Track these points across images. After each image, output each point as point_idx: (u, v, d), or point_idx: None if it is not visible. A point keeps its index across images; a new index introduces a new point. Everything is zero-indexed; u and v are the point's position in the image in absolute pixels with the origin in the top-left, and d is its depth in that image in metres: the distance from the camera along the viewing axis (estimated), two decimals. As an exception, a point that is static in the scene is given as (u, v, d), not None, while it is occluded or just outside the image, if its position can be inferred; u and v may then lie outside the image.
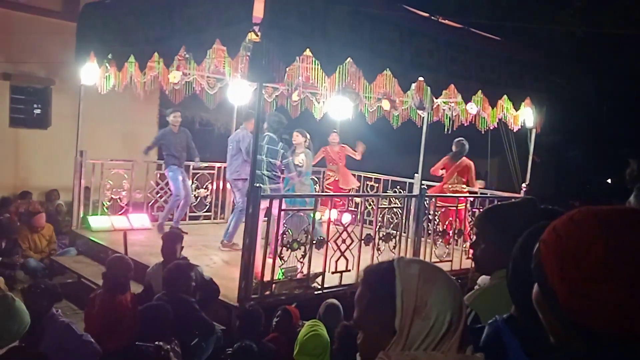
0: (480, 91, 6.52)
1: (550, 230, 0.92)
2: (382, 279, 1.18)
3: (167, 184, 8.15)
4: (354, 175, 9.52)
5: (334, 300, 4.75)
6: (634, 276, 0.82)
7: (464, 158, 8.29)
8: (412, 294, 1.13)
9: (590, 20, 10.45)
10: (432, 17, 6.00)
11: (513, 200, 1.87)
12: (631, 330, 0.82)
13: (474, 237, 1.97)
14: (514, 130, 8.37)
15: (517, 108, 7.16)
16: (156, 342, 3.58)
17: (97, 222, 7.74)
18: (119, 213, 8.08)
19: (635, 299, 0.81)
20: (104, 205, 8.00)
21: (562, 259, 0.87)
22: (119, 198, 8.11)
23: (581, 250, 0.85)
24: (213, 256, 6.85)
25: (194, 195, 8.73)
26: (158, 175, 8.46)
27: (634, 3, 10.37)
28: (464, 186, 8.30)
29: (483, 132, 8.39)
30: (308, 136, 7.36)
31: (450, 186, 8.24)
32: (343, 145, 9.31)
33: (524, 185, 7.82)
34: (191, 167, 8.57)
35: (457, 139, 8.34)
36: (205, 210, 9.00)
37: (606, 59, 11.35)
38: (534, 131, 7.71)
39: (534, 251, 0.94)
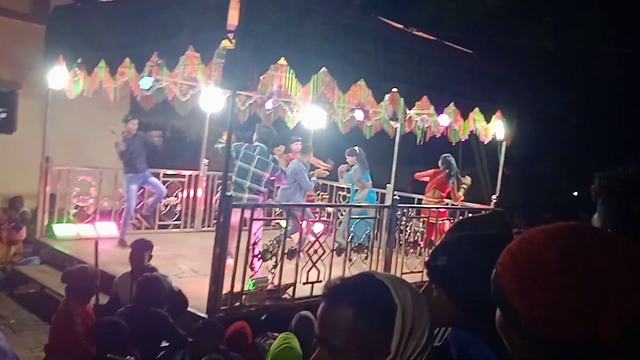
0: (452, 103, 6.59)
1: (505, 252, 0.94)
2: (377, 297, 1.08)
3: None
4: (326, 185, 9.50)
5: (307, 313, 4.69)
6: (587, 282, 0.83)
7: (443, 173, 8.45)
8: (410, 313, 1.08)
9: (559, 36, 10.70)
10: (407, 29, 6.05)
11: (483, 212, 1.85)
12: (591, 336, 0.82)
13: None
14: (485, 143, 8.48)
15: (488, 120, 7.26)
16: (108, 356, 3.46)
17: (63, 230, 7.54)
18: (86, 221, 7.89)
19: (591, 304, 0.82)
20: (69, 213, 7.80)
21: (518, 275, 0.89)
22: (86, 206, 7.92)
23: (535, 262, 0.87)
24: (182, 265, 6.73)
25: (164, 203, 8.58)
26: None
27: (601, 19, 10.66)
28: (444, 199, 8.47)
29: (454, 144, 8.48)
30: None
31: (429, 199, 8.40)
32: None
33: (494, 197, 7.91)
34: (161, 175, 8.42)
35: (443, 156, 8.55)
36: (174, 219, 8.86)
37: (574, 74, 11.62)
38: (504, 144, 7.82)
39: (492, 276, 0.95)
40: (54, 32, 6.92)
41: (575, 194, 16.37)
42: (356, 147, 8.60)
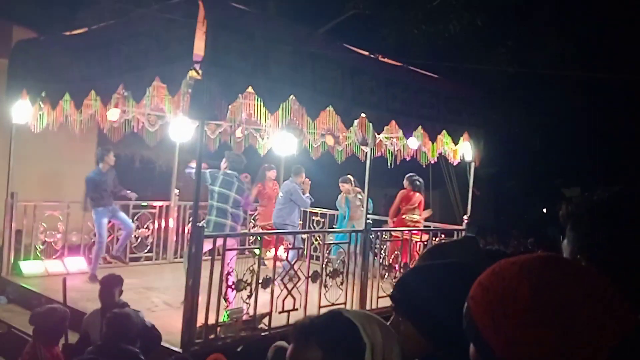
0: (420, 127, 6.68)
1: (476, 286, 0.93)
2: (345, 336, 1.08)
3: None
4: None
5: (283, 343, 4.60)
6: (561, 319, 0.83)
7: (417, 193, 8.66)
8: (379, 350, 1.07)
9: (521, 58, 11.01)
10: (372, 56, 6.14)
11: (455, 239, 1.88)
12: None
13: None
14: (454, 164, 8.61)
15: (456, 142, 7.38)
16: None
17: (30, 267, 7.33)
18: (54, 257, 7.69)
19: (566, 339, 0.82)
20: (37, 249, 7.60)
21: (491, 310, 0.87)
22: (54, 241, 7.73)
23: (507, 298, 0.86)
24: (154, 299, 6.59)
25: (135, 235, 8.44)
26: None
27: (560, 44, 11.04)
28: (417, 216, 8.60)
29: (424, 166, 8.58)
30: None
31: (407, 217, 8.51)
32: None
33: (465, 217, 8.00)
34: (131, 206, 8.29)
35: (407, 176, 8.79)
36: (146, 251, 8.70)
37: (538, 96, 11.96)
38: (472, 164, 7.95)
39: (464, 310, 0.93)
40: (16, 66, 6.84)
41: (545, 210, 16.70)
42: (349, 175, 8.80)
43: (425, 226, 8.70)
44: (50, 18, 8.38)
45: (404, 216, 8.63)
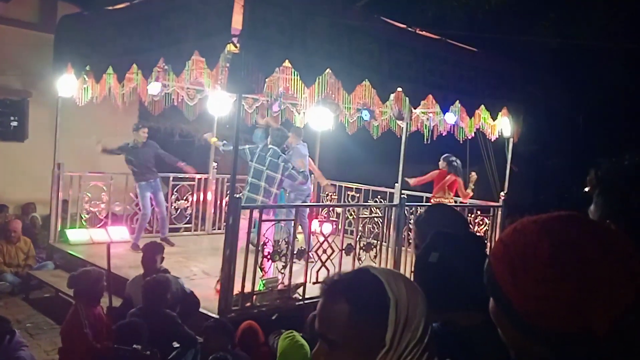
0: (458, 101, 6.60)
1: (498, 243, 0.95)
2: (371, 291, 1.11)
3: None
4: (334, 185, 9.53)
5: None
6: (580, 274, 0.85)
7: (450, 175, 8.20)
8: (404, 306, 1.10)
9: (564, 32, 10.65)
10: (410, 29, 6.07)
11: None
12: (584, 326, 0.84)
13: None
14: (492, 140, 8.47)
15: (494, 118, 7.25)
16: (115, 346, 3.54)
17: (75, 235, 7.64)
18: (98, 226, 7.99)
19: (583, 295, 0.84)
20: (82, 218, 7.91)
21: (511, 265, 0.90)
22: (98, 211, 8.02)
23: (528, 254, 0.89)
24: (193, 267, 6.81)
25: (174, 207, 8.67)
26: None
27: (606, 16, 10.61)
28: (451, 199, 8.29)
29: (461, 142, 8.47)
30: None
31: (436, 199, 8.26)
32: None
33: (502, 193, 7.91)
34: (171, 178, 8.51)
35: (443, 156, 8.17)
36: (185, 222, 8.94)
37: (581, 70, 11.57)
38: (511, 141, 7.81)
39: (485, 267, 0.96)
40: (62, 41, 7.03)
41: (586, 190, 16.29)
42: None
43: (461, 202, 8.61)
44: (94, -7, 8.54)
45: (433, 200, 8.17)
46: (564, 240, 0.88)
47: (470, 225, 7.64)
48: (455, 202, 8.48)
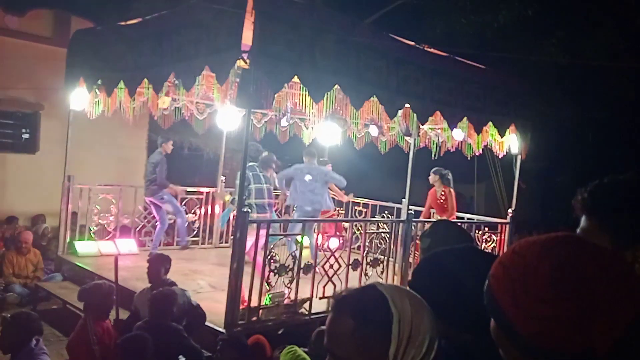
0: (465, 118, 6.61)
1: (497, 264, 0.96)
2: (375, 308, 1.13)
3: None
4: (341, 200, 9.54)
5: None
6: (580, 294, 0.86)
7: (443, 188, 8.08)
8: (407, 322, 1.11)
9: (572, 49, 10.68)
10: (418, 46, 6.12)
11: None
12: (586, 346, 0.85)
13: None
14: (500, 157, 8.46)
15: (502, 134, 7.26)
16: None
17: (84, 247, 7.69)
18: (106, 238, 8.04)
19: (585, 314, 0.85)
20: (90, 230, 7.96)
21: (512, 287, 0.91)
22: (107, 223, 8.08)
23: (529, 275, 0.90)
24: (200, 281, 6.82)
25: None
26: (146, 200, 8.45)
27: (611, 34, 10.64)
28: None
29: (469, 158, 8.47)
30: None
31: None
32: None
33: (510, 210, 7.89)
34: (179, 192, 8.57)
35: (434, 169, 8.12)
36: (193, 235, 8.98)
37: (589, 86, 11.58)
38: (519, 157, 7.79)
39: (485, 288, 0.97)
40: (75, 55, 7.13)
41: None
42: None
43: (469, 219, 8.60)
44: (107, 8, 8.69)
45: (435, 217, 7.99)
46: (564, 261, 0.89)
47: (477, 242, 7.64)
48: (462, 218, 8.48)
